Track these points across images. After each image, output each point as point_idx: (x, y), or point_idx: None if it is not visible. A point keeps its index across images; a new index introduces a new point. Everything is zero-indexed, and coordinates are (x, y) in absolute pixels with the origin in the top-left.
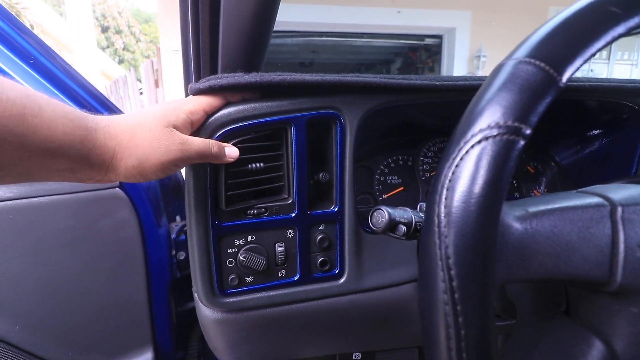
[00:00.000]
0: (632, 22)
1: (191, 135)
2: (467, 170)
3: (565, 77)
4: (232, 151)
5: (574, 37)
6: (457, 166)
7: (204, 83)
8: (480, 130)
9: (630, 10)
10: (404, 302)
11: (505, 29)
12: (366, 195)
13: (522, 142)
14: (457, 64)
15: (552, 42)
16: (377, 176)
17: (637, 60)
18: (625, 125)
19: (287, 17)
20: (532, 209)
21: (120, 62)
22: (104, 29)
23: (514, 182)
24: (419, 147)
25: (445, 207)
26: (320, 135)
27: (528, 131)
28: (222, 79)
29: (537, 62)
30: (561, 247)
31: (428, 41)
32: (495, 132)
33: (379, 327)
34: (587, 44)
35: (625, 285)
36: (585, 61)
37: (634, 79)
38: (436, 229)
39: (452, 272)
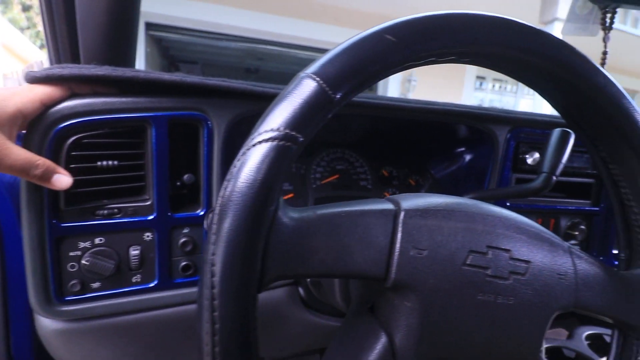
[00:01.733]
0: (406, 50)
1: (26, 127)
2: (245, 167)
3: (339, 95)
4: (62, 181)
5: (351, 59)
6: (239, 161)
7: (42, 72)
8: (259, 134)
9: (403, 39)
10: (276, 306)
11: None
12: None
13: (295, 148)
14: (391, 86)
15: (333, 63)
16: None
17: (534, 94)
18: (481, 144)
19: (229, 21)
20: (320, 211)
21: (43, 46)
22: (25, 8)
23: (397, 192)
24: (314, 156)
25: (221, 198)
26: (190, 136)
27: (302, 139)
28: (65, 69)
29: (317, 79)
30: (342, 246)
31: None
32: (271, 135)
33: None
34: (362, 66)
35: (399, 281)
36: (364, 82)
37: (486, 107)
38: (210, 222)
39: (215, 268)
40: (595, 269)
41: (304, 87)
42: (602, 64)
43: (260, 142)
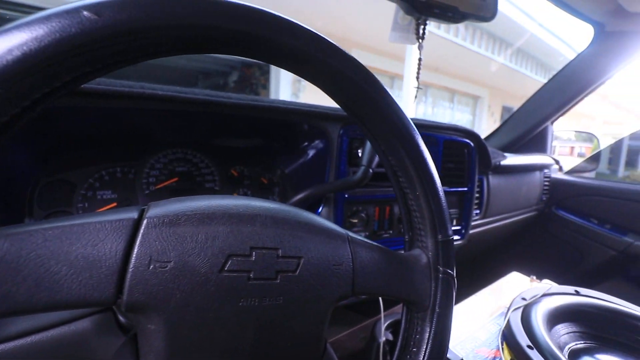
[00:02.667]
0: (117, 36)
1: None
2: None
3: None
4: None
5: (23, 36)
6: None
7: None
8: None
9: (106, 14)
10: (77, 342)
11: None
12: (63, 213)
13: None
14: (282, 85)
15: None
16: (82, 191)
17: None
18: (320, 139)
19: None
20: (13, 230)
21: None
22: None
23: (248, 193)
24: (145, 157)
25: None
26: None
27: None
28: None
29: None
30: (45, 272)
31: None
32: None
33: None
34: (40, 47)
35: (134, 302)
36: (52, 73)
37: (317, 105)
38: None
39: None
40: (374, 254)
41: None
42: (418, 69)
43: None
